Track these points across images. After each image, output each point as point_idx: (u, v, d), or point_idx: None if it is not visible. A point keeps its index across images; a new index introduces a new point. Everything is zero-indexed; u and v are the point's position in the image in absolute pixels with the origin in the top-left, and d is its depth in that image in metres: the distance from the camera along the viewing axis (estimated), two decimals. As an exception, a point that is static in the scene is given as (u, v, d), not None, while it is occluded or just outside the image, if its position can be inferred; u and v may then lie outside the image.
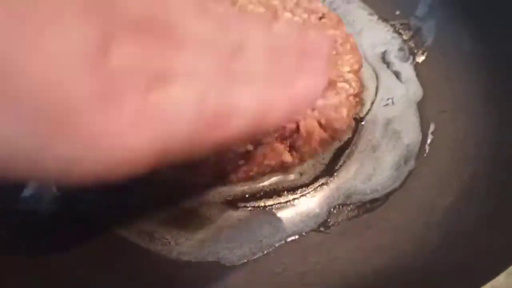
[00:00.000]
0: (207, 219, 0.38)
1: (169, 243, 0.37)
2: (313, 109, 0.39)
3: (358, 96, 0.43)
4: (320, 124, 0.39)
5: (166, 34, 0.25)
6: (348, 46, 0.44)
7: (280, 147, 0.39)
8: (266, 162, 0.39)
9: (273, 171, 0.40)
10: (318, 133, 0.39)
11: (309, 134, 0.39)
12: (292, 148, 0.40)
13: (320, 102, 0.40)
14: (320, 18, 0.46)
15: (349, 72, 0.42)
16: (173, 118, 0.24)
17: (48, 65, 0.20)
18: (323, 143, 0.41)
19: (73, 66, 0.21)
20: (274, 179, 0.40)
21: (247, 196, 0.39)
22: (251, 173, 0.39)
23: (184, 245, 0.37)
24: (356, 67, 0.42)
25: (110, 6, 0.23)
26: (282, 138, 0.39)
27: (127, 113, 0.22)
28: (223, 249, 0.37)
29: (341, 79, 0.42)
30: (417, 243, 0.37)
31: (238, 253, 0.37)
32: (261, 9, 0.46)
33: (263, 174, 0.40)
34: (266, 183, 0.40)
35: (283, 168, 0.40)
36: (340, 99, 0.40)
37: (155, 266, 0.36)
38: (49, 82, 0.20)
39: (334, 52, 0.43)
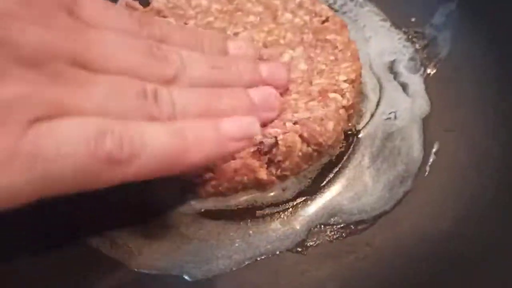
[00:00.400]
0: (175, 230, 0.36)
1: (132, 251, 0.35)
2: (295, 122, 0.36)
3: (353, 108, 0.40)
4: (302, 137, 0.36)
5: (78, 63, 0.25)
6: (348, 53, 0.41)
7: (255, 163, 0.35)
8: (237, 178, 0.35)
9: (246, 188, 0.37)
10: (300, 148, 0.36)
11: (290, 148, 0.36)
12: (271, 164, 0.36)
13: (303, 114, 0.36)
14: (323, 22, 0.43)
15: (345, 81, 0.39)
16: (54, 155, 0.23)
17: None
18: (307, 158, 0.37)
19: None
20: (253, 193, 0.37)
21: (221, 209, 0.37)
22: (220, 188, 0.36)
23: (147, 255, 0.34)
24: (353, 76, 0.39)
25: (6, 42, 0.23)
26: (260, 154, 0.35)
27: (2, 146, 0.22)
28: (188, 262, 0.34)
29: (334, 88, 0.38)
30: (401, 276, 0.34)
31: (204, 268, 0.34)
32: (260, 8, 0.43)
33: (235, 191, 0.37)
34: (244, 197, 0.37)
35: (260, 185, 0.37)
36: (327, 111, 0.37)
37: (113, 275, 0.34)
38: None
39: (332, 58, 0.40)
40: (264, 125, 0.35)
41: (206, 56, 0.33)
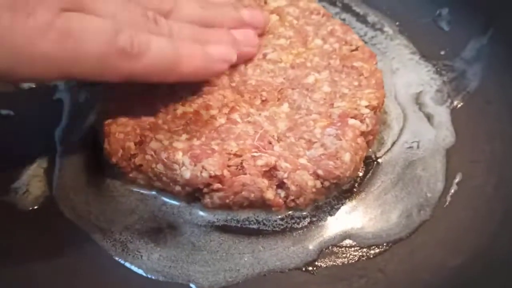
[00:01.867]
0: (186, 239, 0.36)
1: (141, 256, 0.35)
2: (308, 160, 0.36)
3: (372, 135, 0.40)
4: (316, 175, 0.35)
5: None
6: (373, 81, 0.41)
7: (263, 182, 0.35)
8: (244, 193, 0.35)
9: (253, 206, 0.36)
10: (314, 185, 0.36)
11: (300, 187, 0.35)
12: (282, 188, 0.36)
13: (316, 151, 0.36)
14: (352, 51, 0.43)
15: (366, 107, 0.38)
16: (82, 38, 0.29)
17: None
18: (323, 192, 0.37)
19: None
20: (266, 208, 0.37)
21: (232, 224, 0.37)
22: (227, 201, 0.36)
23: (156, 262, 0.35)
24: (375, 103, 0.39)
25: None
26: (272, 176, 0.35)
27: (37, 21, 0.27)
28: (196, 272, 0.34)
29: (355, 112, 0.38)
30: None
31: (211, 279, 0.34)
32: (291, 33, 0.44)
33: (241, 206, 0.36)
34: (257, 212, 0.37)
35: (265, 205, 0.36)
36: (343, 142, 0.36)
37: (121, 279, 0.34)
38: None
39: (356, 83, 0.41)
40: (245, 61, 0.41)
41: None
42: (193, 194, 0.36)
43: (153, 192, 0.38)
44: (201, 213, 0.37)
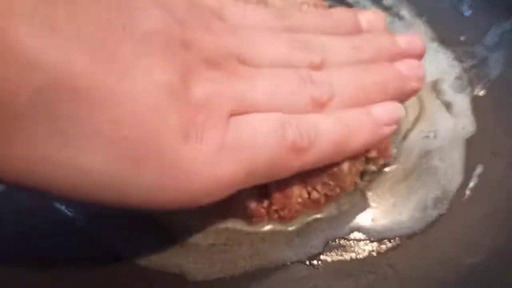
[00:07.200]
0: (181, 226, 0.33)
1: (132, 244, 0.32)
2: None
3: (376, 148, 0.34)
4: (304, 181, 0.31)
5: (243, 61, 0.28)
6: None
7: (245, 189, 0.30)
8: (224, 198, 0.31)
9: (234, 215, 0.33)
10: (300, 194, 0.32)
11: (285, 195, 0.31)
12: (264, 197, 0.32)
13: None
14: None
15: None
16: (254, 145, 0.26)
17: (137, 98, 0.22)
18: (310, 205, 0.33)
19: (159, 99, 0.22)
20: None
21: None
22: (206, 207, 0.31)
23: (147, 248, 0.32)
24: None
25: (186, 45, 0.25)
26: None
27: (211, 142, 0.24)
28: (189, 262, 0.32)
29: None
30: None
31: (206, 270, 0.32)
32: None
33: (220, 215, 0.33)
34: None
35: (247, 215, 0.32)
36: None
37: (108, 265, 0.31)
38: (138, 114, 0.22)
39: None
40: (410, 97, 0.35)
41: (344, 38, 0.33)
42: None
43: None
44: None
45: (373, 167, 0.35)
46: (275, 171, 0.27)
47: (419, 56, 0.35)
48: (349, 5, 0.48)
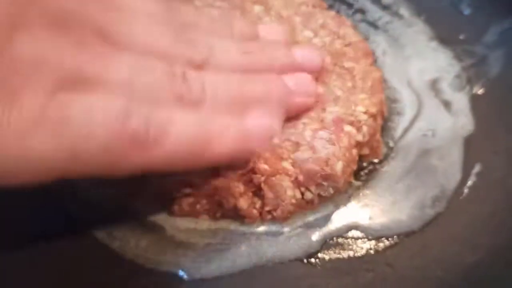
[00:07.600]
0: (178, 225, 0.33)
1: (128, 242, 0.32)
2: (292, 164, 0.31)
3: (369, 147, 0.35)
4: (298, 182, 0.31)
5: (104, 36, 0.24)
6: (368, 83, 0.36)
7: (238, 187, 0.31)
8: (216, 197, 0.31)
9: (226, 215, 0.32)
10: (293, 195, 0.31)
11: (278, 196, 0.31)
12: (257, 197, 0.32)
13: (302, 154, 0.31)
14: (346, 45, 0.39)
15: (364, 113, 0.34)
16: (82, 126, 0.22)
17: None
18: (302, 206, 0.32)
19: None
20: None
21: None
22: (198, 207, 0.32)
23: (144, 248, 0.32)
24: (373, 110, 0.34)
25: None
26: (248, 181, 0.31)
27: (26, 111, 0.21)
28: (187, 261, 0.32)
29: (351, 119, 0.33)
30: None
31: (203, 269, 0.31)
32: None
33: (212, 216, 0.32)
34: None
35: (238, 216, 0.32)
36: (336, 148, 0.32)
37: (106, 263, 0.31)
38: None
39: (349, 85, 0.36)
40: (301, 112, 0.33)
41: (236, 42, 0.32)
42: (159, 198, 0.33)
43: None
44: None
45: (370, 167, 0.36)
46: (112, 162, 0.24)
47: (314, 71, 0.34)
48: (349, 5, 0.48)
